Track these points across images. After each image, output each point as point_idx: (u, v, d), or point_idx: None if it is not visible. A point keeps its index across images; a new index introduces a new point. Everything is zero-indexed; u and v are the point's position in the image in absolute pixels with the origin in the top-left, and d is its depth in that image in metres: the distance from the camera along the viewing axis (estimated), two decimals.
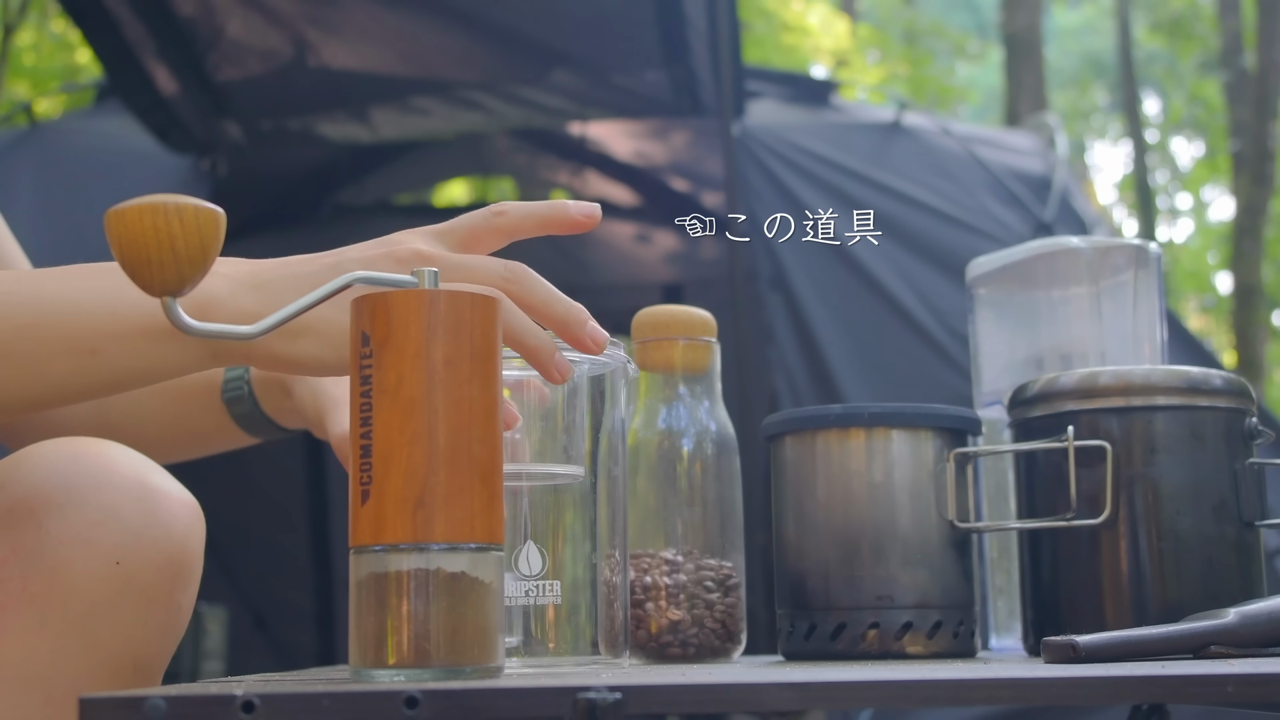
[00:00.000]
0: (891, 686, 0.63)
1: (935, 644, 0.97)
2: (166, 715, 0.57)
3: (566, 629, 0.87)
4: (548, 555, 0.86)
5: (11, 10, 5.96)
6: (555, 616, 0.86)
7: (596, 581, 0.88)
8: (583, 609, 0.87)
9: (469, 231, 0.81)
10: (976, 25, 15.29)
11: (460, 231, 0.81)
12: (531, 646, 0.86)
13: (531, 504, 0.87)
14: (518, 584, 0.85)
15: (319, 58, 3.10)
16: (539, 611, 0.86)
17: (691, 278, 4.77)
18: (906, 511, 0.98)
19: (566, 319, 0.78)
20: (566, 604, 0.87)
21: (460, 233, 0.81)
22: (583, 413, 0.88)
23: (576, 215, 0.82)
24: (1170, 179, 16.10)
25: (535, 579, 0.86)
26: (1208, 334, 12.66)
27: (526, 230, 0.82)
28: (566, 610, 0.87)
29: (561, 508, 0.88)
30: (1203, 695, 0.64)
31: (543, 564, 0.86)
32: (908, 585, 0.97)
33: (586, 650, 0.87)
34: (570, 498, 0.88)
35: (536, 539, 0.86)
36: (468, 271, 0.78)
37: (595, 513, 0.89)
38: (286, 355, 0.78)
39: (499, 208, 0.82)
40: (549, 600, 0.86)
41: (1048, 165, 3.53)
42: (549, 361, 0.78)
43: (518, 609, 0.86)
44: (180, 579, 0.83)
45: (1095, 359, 1.18)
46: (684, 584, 1.01)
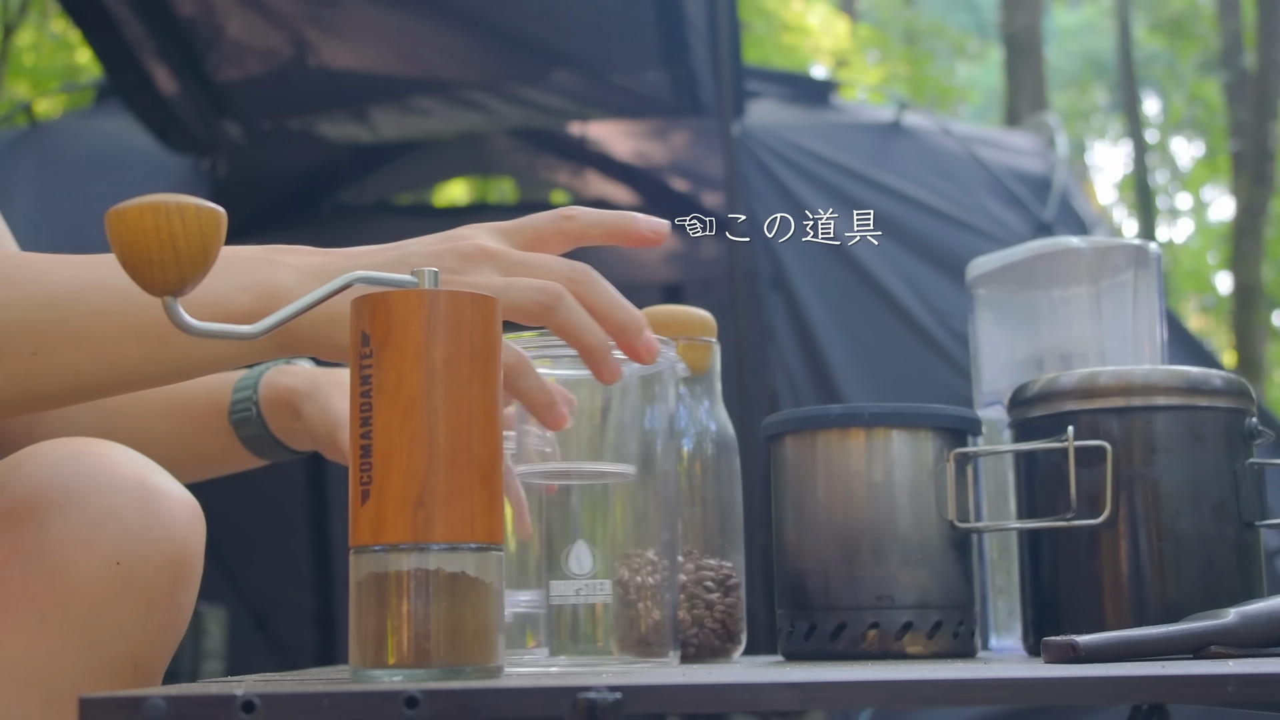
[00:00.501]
0: (891, 686, 0.63)
1: (935, 644, 0.97)
2: (166, 715, 0.57)
3: (615, 627, 0.87)
4: (597, 554, 0.86)
5: (11, 10, 5.96)
6: (605, 615, 0.86)
7: (644, 581, 0.88)
8: (632, 608, 0.87)
9: (535, 232, 0.82)
10: (976, 25, 15.30)
11: (526, 231, 0.82)
12: (580, 645, 0.86)
13: (581, 503, 0.87)
14: (568, 583, 0.85)
15: (319, 58, 3.10)
16: (589, 610, 0.86)
17: (691, 278, 4.77)
18: (906, 511, 0.98)
19: (625, 326, 0.79)
20: (617, 602, 0.87)
21: (526, 233, 0.82)
22: (634, 411, 0.88)
23: (645, 230, 0.83)
24: (1170, 179, 16.10)
25: (585, 578, 0.86)
26: (1208, 334, 12.66)
27: (592, 239, 0.83)
28: (616, 609, 0.87)
29: (611, 506, 0.88)
30: (1203, 695, 0.64)
31: (593, 563, 0.86)
32: (908, 585, 0.97)
33: (633, 650, 0.87)
34: (620, 496, 0.88)
35: (587, 538, 0.86)
36: (533, 269, 0.79)
37: (645, 511, 0.88)
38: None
39: (568, 212, 0.83)
40: (599, 599, 0.86)
41: (1048, 165, 3.54)
42: (603, 361, 0.78)
43: (567, 608, 0.86)
44: (181, 579, 0.83)
45: (1095, 359, 1.18)
46: (683, 584, 1.01)
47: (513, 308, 0.77)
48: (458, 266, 0.78)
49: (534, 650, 1.03)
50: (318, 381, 1.07)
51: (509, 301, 0.77)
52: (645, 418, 0.89)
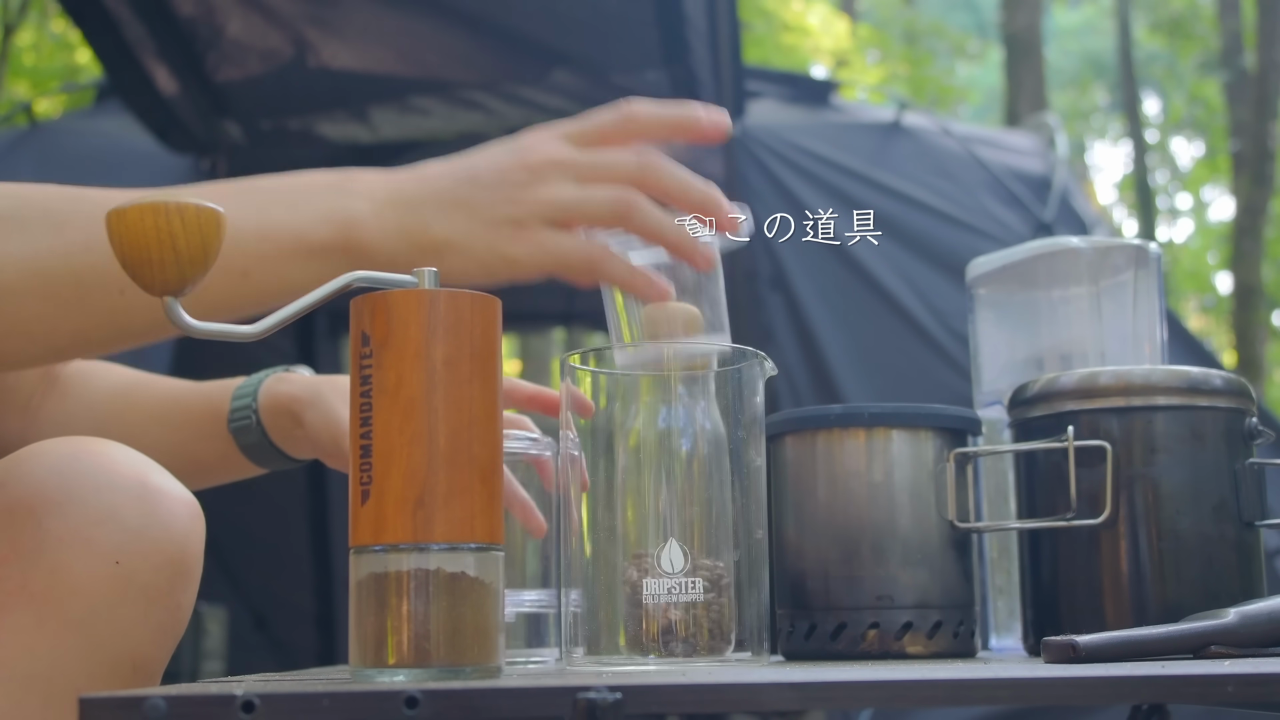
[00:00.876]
0: (891, 686, 0.63)
1: (935, 644, 0.97)
2: (166, 715, 0.57)
3: (706, 627, 0.87)
4: (690, 553, 0.86)
5: (11, 10, 5.96)
6: (698, 615, 0.86)
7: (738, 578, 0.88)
8: (724, 607, 0.87)
9: (599, 133, 0.84)
10: (976, 25, 15.29)
11: (591, 133, 0.84)
12: (672, 645, 0.85)
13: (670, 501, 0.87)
14: (660, 582, 0.85)
15: (319, 58, 3.10)
16: (682, 609, 0.86)
17: None
18: (906, 511, 0.98)
19: (704, 203, 0.83)
20: (625, 602, 0.87)
21: (591, 134, 0.84)
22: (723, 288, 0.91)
23: (706, 124, 0.86)
24: (1170, 179, 16.10)
25: (678, 576, 0.86)
26: (1208, 334, 12.66)
27: (656, 135, 0.85)
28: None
29: (698, 504, 0.88)
30: (1203, 695, 0.64)
31: (685, 561, 0.86)
32: (908, 585, 0.97)
33: (725, 648, 0.87)
34: (708, 495, 0.88)
35: (679, 536, 0.86)
36: (602, 170, 0.81)
37: (735, 508, 0.88)
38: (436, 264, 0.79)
39: (630, 110, 0.85)
40: (691, 598, 0.86)
41: (1048, 165, 3.53)
42: (691, 252, 0.82)
43: (658, 606, 0.85)
44: (180, 578, 0.83)
45: (1095, 359, 1.18)
46: None
47: (589, 219, 0.80)
48: (528, 180, 0.81)
49: (542, 651, 1.03)
50: (320, 389, 1.06)
51: (585, 214, 0.80)
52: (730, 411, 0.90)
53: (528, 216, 0.82)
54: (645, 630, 1.02)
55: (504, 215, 0.82)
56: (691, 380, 1.07)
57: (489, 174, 0.81)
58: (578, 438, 0.90)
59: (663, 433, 1.05)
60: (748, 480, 0.89)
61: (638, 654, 0.98)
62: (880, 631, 0.96)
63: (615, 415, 0.92)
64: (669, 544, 0.86)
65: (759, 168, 3.26)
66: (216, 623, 3.64)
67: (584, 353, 0.91)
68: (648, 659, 0.98)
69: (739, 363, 0.90)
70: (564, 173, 0.81)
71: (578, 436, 0.90)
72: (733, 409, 0.90)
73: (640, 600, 1.03)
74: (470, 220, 0.80)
